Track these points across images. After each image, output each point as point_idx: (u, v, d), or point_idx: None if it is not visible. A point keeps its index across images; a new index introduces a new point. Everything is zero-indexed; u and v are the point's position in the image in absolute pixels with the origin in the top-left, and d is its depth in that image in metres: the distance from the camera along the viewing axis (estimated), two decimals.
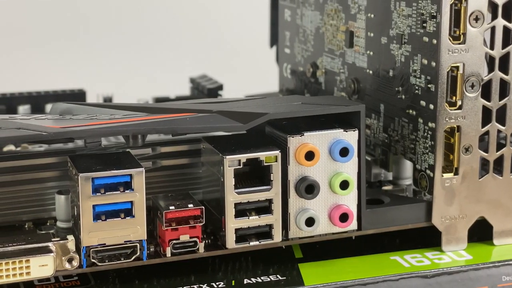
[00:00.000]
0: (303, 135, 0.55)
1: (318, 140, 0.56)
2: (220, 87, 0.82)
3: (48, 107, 0.83)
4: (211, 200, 0.57)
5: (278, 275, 0.56)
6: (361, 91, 0.66)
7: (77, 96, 0.85)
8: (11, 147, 0.70)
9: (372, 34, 0.64)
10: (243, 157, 0.54)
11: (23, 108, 0.82)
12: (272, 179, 0.55)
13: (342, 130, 0.56)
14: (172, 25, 1.14)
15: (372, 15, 0.64)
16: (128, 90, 0.94)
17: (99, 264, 0.53)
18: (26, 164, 0.57)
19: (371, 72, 0.65)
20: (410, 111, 0.60)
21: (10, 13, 1.09)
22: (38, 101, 0.83)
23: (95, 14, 1.12)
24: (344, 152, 0.56)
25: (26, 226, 0.58)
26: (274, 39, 0.86)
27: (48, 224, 0.58)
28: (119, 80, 1.05)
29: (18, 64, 1.08)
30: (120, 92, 0.89)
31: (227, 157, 0.54)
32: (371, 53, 0.64)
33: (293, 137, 0.55)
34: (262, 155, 0.55)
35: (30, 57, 1.09)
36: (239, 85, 0.89)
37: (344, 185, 0.56)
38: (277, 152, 0.55)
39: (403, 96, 0.61)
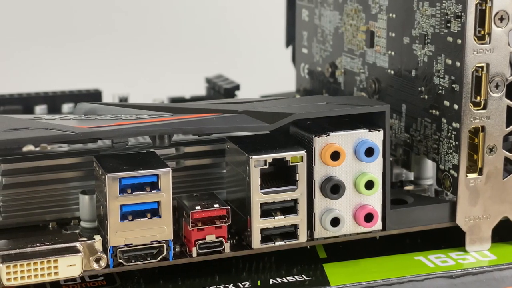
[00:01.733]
0: (328, 135, 0.55)
1: (344, 140, 0.56)
2: (237, 87, 0.82)
3: (64, 107, 0.83)
4: (235, 200, 0.57)
5: (303, 275, 0.56)
6: (381, 91, 0.66)
7: (93, 96, 0.85)
8: (30, 147, 0.70)
9: (393, 34, 0.64)
10: (269, 157, 0.54)
11: (40, 108, 0.82)
12: (297, 179, 0.55)
13: (367, 130, 0.56)
14: (185, 25, 1.14)
15: (394, 15, 0.64)
16: (143, 90, 0.94)
17: (126, 264, 0.53)
18: (50, 164, 0.57)
19: (392, 72, 0.65)
20: (433, 111, 0.60)
21: (27, 14, 1.09)
22: (54, 101, 0.83)
23: (111, 14, 1.12)
24: (369, 152, 0.56)
25: (50, 226, 0.58)
26: (290, 39, 0.86)
27: (72, 224, 0.58)
28: (134, 80, 1.05)
29: (34, 64, 1.08)
30: (136, 92, 0.89)
31: (253, 157, 0.54)
32: (393, 53, 0.64)
33: (318, 137, 0.55)
34: (288, 155, 0.55)
35: (46, 57, 1.09)
36: (254, 85, 0.89)
37: (369, 185, 0.56)
38: (302, 152, 0.55)
39: (426, 96, 0.61)
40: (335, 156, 0.55)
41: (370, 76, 0.67)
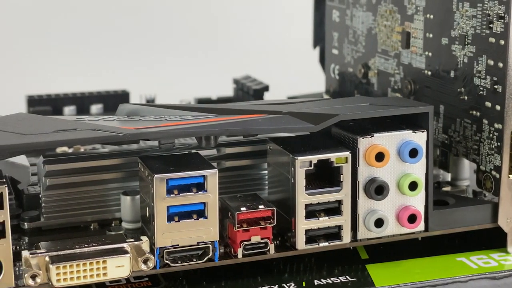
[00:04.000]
0: (372, 136, 0.55)
1: (387, 141, 0.56)
2: (266, 88, 0.82)
3: (93, 107, 0.83)
4: (277, 200, 0.57)
5: (347, 276, 0.56)
6: (417, 92, 0.66)
7: (121, 97, 0.85)
8: (64, 148, 0.70)
9: (431, 35, 0.64)
10: (314, 158, 0.54)
11: (68, 109, 0.82)
12: (342, 180, 0.55)
13: (411, 131, 0.56)
14: (210, 26, 1.14)
15: (431, 16, 0.64)
16: (169, 90, 0.94)
17: (172, 265, 0.53)
18: (92, 165, 0.57)
19: (429, 73, 0.65)
20: (474, 112, 0.60)
21: (55, 16, 1.09)
22: (82, 102, 0.84)
23: (137, 16, 1.12)
24: (413, 153, 0.56)
25: (92, 227, 0.58)
26: (318, 40, 0.86)
27: (113, 225, 0.58)
28: (161, 81, 1.05)
29: (62, 65, 1.08)
30: (162, 93, 0.89)
31: (299, 158, 0.54)
32: (430, 54, 0.64)
33: (363, 138, 0.55)
34: (333, 156, 0.55)
35: (74, 58, 1.09)
36: (280, 85, 0.89)
37: (413, 186, 0.56)
38: (347, 153, 0.55)
39: (466, 97, 0.61)
40: (380, 157, 0.55)
41: (406, 77, 0.67)
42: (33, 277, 0.49)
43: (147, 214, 0.54)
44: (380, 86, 0.71)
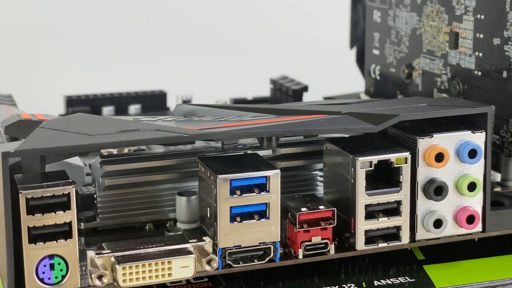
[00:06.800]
0: (432, 136, 0.55)
1: (447, 141, 0.55)
2: (305, 88, 0.81)
3: (131, 108, 0.83)
4: (333, 200, 0.57)
5: (406, 277, 0.56)
6: (466, 93, 0.66)
7: (158, 97, 0.85)
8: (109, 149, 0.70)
9: (481, 36, 0.64)
10: (375, 158, 0.54)
11: (107, 109, 0.82)
12: (401, 180, 0.55)
13: (470, 131, 0.56)
14: (242, 26, 1.14)
15: (482, 16, 0.64)
16: (204, 91, 0.94)
17: (234, 265, 0.53)
18: (149, 166, 0.57)
19: (479, 73, 0.64)
20: None
21: (93, 18, 1.10)
22: (120, 102, 0.84)
23: (171, 16, 1.12)
24: (472, 153, 0.56)
25: (147, 228, 0.58)
26: (354, 40, 0.86)
27: (168, 225, 0.58)
28: (195, 81, 1.05)
29: (99, 66, 1.08)
30: (198, 93, 0.89)
31: (359, 158, 0.54)
32: (480, 54, 0.64)
33: (422, 138, 0.55)
34: (393, 156, 0.54)
35: (111, 59, 1.09)
36: (315, 85, 0.88)
37: (472, 186, 0.56)
38: (407, 154, 0.55)
39: None
40: (439, 157, 0.55)
41: (454, 77, 0.67)
42: (100, 277, 0.49)
43: (208, 215, 0.54)
44: (425, 87, 0.71)
